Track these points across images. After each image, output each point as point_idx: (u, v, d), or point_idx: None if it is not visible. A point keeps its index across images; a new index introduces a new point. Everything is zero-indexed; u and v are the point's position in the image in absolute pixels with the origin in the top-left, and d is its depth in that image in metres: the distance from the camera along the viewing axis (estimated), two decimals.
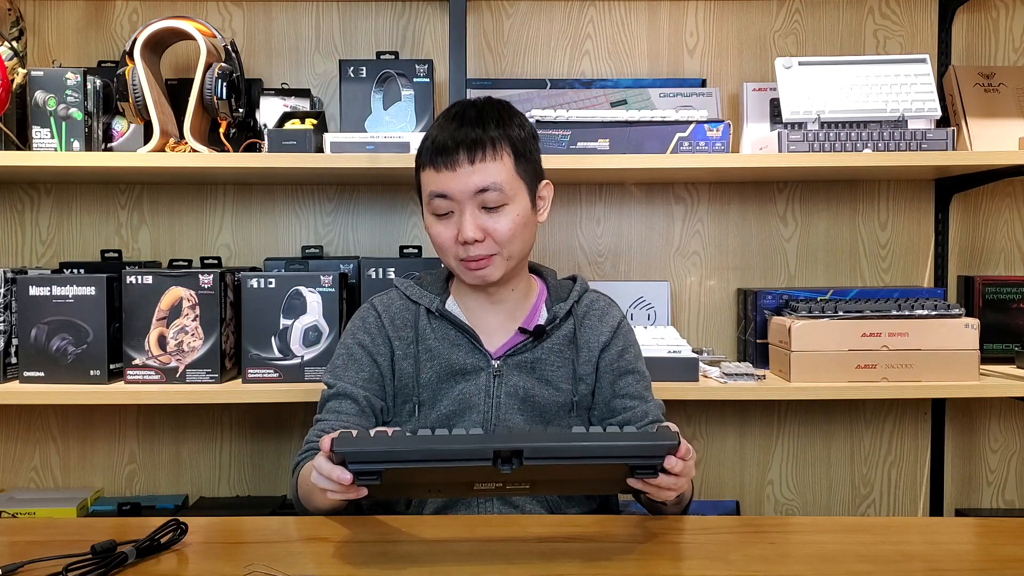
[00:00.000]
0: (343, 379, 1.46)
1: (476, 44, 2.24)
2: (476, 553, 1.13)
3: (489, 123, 1.39)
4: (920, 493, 2.32)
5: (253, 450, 2.27)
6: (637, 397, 1.48)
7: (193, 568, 1.11)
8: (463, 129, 1.37)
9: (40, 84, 1.89)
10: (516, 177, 1.39)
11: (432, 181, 1.39)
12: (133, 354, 1.86)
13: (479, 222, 1.37)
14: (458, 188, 1.36)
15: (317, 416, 1.47)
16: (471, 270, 1.40)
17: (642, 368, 1.52)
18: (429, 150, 1.40)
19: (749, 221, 2.28)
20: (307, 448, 1.42)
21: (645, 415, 1.46)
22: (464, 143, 1.36)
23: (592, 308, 1.51)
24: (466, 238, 1.36)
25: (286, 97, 2.10)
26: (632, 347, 1.52)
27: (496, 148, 1.37)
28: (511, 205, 1.39)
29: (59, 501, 2.10)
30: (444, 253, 1.42)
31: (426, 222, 1.44)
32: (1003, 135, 2.07)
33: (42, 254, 2.23)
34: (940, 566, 1.13)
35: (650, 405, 1.48)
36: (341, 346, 1.50)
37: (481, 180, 1.36)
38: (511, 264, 1.42)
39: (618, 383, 1.48)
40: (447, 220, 1.39)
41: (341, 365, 1.48)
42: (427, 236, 2.20)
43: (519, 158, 1.40)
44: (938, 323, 1.92)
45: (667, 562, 1.12)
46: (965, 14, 2.26)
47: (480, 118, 1.39)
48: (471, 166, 1.36)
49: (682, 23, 2.27)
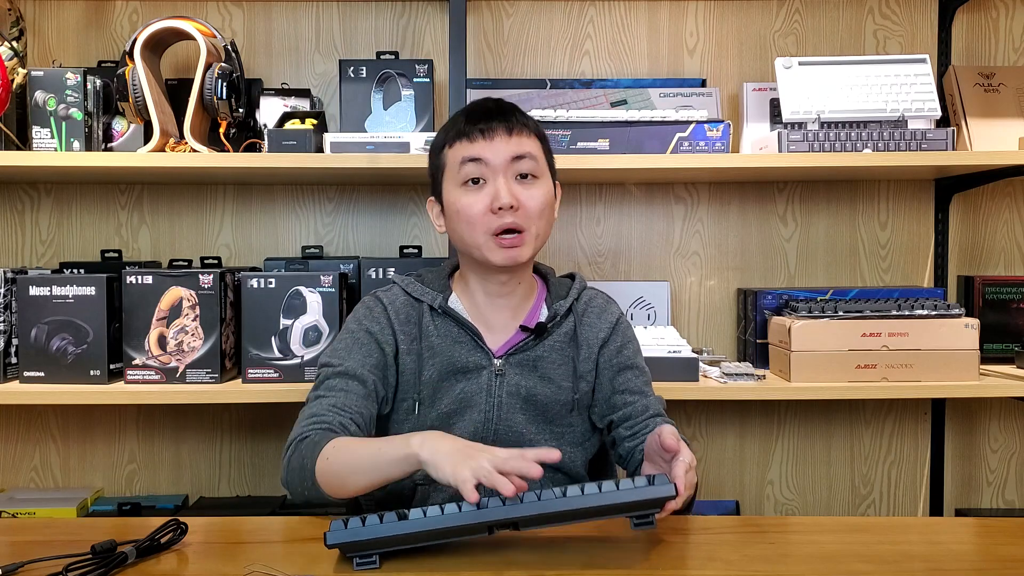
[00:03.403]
0: (349, 360, 1.41)
1: (476, 44, 2.24)
2: (476, 553, 1.13)
3: (515, 110, 1.43)
4: (920, 493, 2.32)
5: (253, 450, 2.27)
6: (637, 392, 1.48)
7: (193, 568, 1.11)
8: (498, 112, 1.41)
9: (40, 84, 1.89)
10: (544, 158, 1.43)
11: (465, 149, 1.39)
12: (133, 354, 1.86)
13: (513, 190, 1.38)
14: (494, 154, 1.38)
15: (318, 392, 1.39)
16: (504, 247, 1.38)
17: (641, 363, 1.52)
18: (459, 130, 1.40)
19: (749, 221, 2.28)
20: (313, 423, 1.33)
21: (645, 409, 1.46)
22: (500, 118, 1.40)
23: (591, 305, 1.51)
24: (502, 203, 1.36)
25: (286, 97, 2.10)
26: (631, 343, 1.52)
27: (526, 127, 1.42)
28: (542, 180, 1.42)
29: (59, 501, 2.10)
30: (473, 227, 1.38)
31: (452, 198, 1.40)
32: (1003, 135, 2.07)
33: (42, 254, 2.23)
34: (940, 566, 1.13)
35: (650, 400, 1.48)
36: (345, 332, 1.45)
37: (517, 148, 1.39)
38: (536, 245, 1.42)
39: (617, 379, 1.48)
40: (477, 191, 1.38)
41: (345, 348, 1.42)
42: (427, 236, 2.24)
43: (544, 144, 1.45)
44: (938, 323, 1.92)
45: (667, 562, 1.12)
46: (965, 14, 2.26)
47: (509, 106, 1.44)
48: (508, 136, 1.39)
49: (682, 23, 2.27)
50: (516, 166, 1.38)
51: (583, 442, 1.48)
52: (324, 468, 1.25)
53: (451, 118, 1.48)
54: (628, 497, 1.09)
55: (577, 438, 1.47)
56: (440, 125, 2.12)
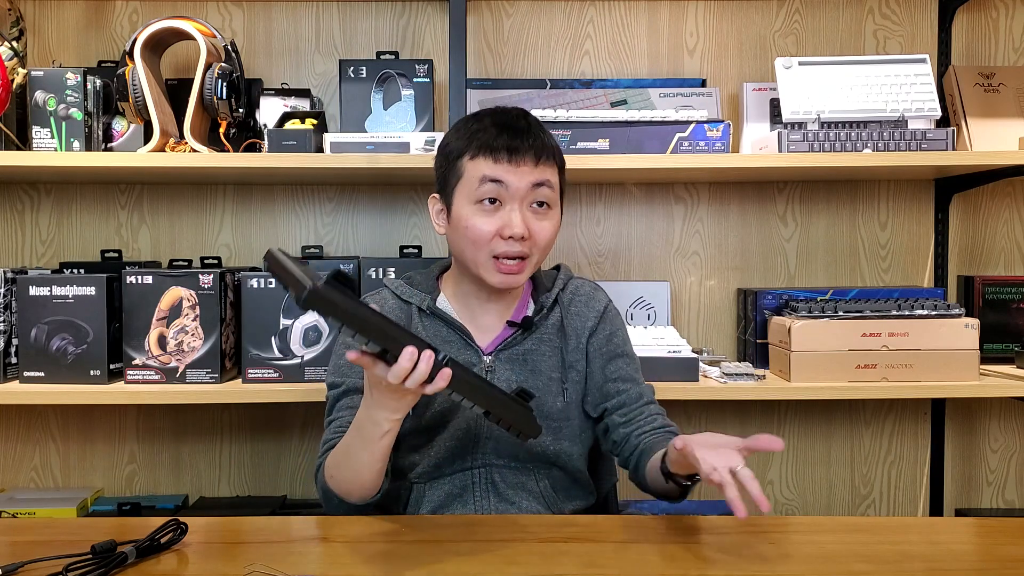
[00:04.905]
0: (351, 376, 1.43)
1: (476, 44, 2.24)
2: (476, 553, 1.13)
3: (543, 131, 1.42)
4: (920, 493, 2.32)
5: (253, 450, 2.27)
6: (629, 380, 1.49)
7: (193, 568, 1.11)
8: (528, 133, 1.39)
9: (40, 84, 1.89)
10: (559, 186, 1.44)
11: (488, 167, 1.37)
12: (133, 354, 1.86)
13: (526, 220, 1.38)
14: (516, 182, 1.37)
15: (330, 417, 1.44)
16: (503, 272, 1.38)
17: (630, 351, 1.53)
18: (486, 144, 1.38)
19: (749, 221, 2.28)
20: (327, 447, 1.38)
21: (640, 397, 1.48)
22: (533, 146, 1.38)
23: (577, 295, 1.51)
24: (514, 232, 1.36)
25: (286, 97, 2.10)
26: (620, 330, 1.52)
27: (552, 156, 1.41)
28: (554, 210, 1.42)
29: (59, 501, 2.11)
30: (478, 247, 1.38)
31: (463, 212, 1.39)
32: (1003, 135, 2.07)
33: (42, 254, 2.23)
34: (940, 566, 1.13)
35: (643, 387, 1.50)
36: (341, 345, 1.48)
37: (540, 177, 1.38)
38: (533, 270, 1.44)
39: (609, 367, 1.49)
40: (491, 214, 1.38)
41: (345, 364, 1.45)
42: (427, 236, 2.24)
43: (561, 172, 1.45)
44: (938, 323, 1.92)
45: (667, 562, 1.12)
46: (965, 14, 2.26)
47: (536, 125, 1.42)
48: (534, 165, 1.38)
49: (682, 23, 2.27)
50: (534, 194, 1.38)
51: (580, 435, 1.49)
52: (335, 484, 1.33)
53: (474, 118, 1.43)
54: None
55: (575, 432, 1.48)
56: (440, 125, 2.14)
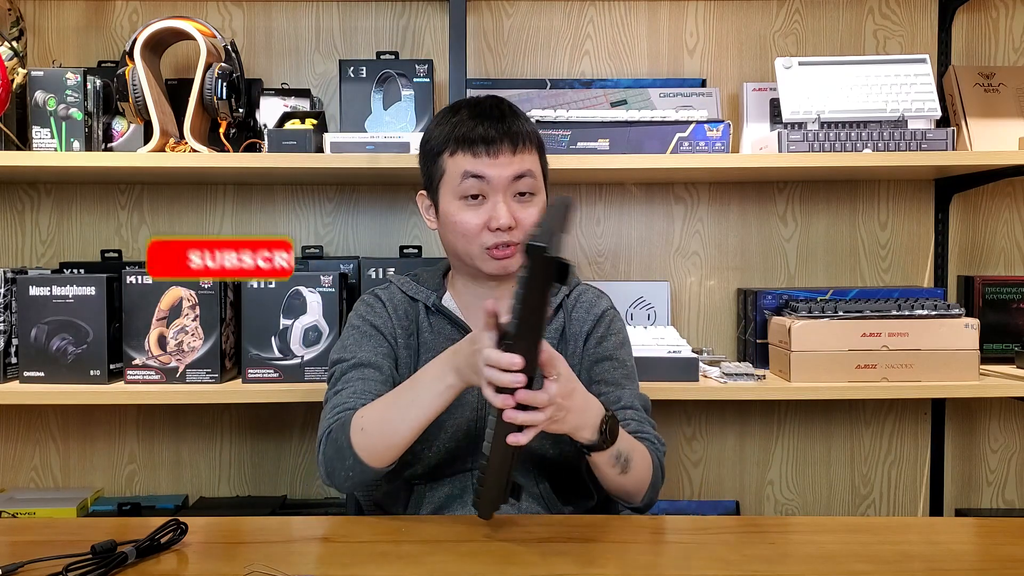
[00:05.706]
0: (361, 352, 1.41)
1: (476, 44, 2.24)
2: (476, 553, 1.13)
3: (518, 117, 1.42)
4: (920, 493, 2.32)
5: (253, 450, 2.27)
6: (612, 383, 1.43)
7: (193, 568, 1.11)
8: (503, 122, 1.39)
9: (40, 84, 1.89)
10: (540, 172, 1.44)
11: (468, 163, 1.38)
12: (133, 354, 1.86)
13: (511, 210, 1.38)
14: (497, 175, 1.37)
15: (338, 387, 1.38)
16: (496, 259, 1.39)
17: (623, 356, 1.48)
18: (462, 138, 1.38)
19: (749, 221, 2.28)
20: (337, 412, 1.33)
21: (618, 400, 1.41)
22: (508, 134, 1.38)
23: (580, 300, 1.51)
24: (500, 224, 1.36)
25: (286, 97, 2.10)
26: (614, 335, 1.48)
27: (529, 141, 1.41)
28: (538, 196, 1.42)
29: (59, 501, 2.10)
30: (469, 241, 1.40)
31: (449, 208, 1.40)
32: (1003, 135, 2.07)
33: (42, 254, 2.23)
34: (940, 566, 1.13)
35: (625, 392, 1.43)
36: (349, 328, 1.46)
37: (520, 167, 1.39)
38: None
39: (594, 369, 1.45)
40: (476, 208, 1.38)
41: (354, 342, 1.43)
42: (427, 236, 2.24)
43: (541, 155, 1.45)
44: (938, 323, 1.92)
45: (667, 562, 1.12)
46: (965, 14, 2.26)
47: (510, 111, 1.42)
48: (512, 155, 1.38)
49: (682, 23, 2.27)
50: (516, 185, 1.39)
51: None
52: (361, 438, 1.27)
53: (451, 110, 1.44)
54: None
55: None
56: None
